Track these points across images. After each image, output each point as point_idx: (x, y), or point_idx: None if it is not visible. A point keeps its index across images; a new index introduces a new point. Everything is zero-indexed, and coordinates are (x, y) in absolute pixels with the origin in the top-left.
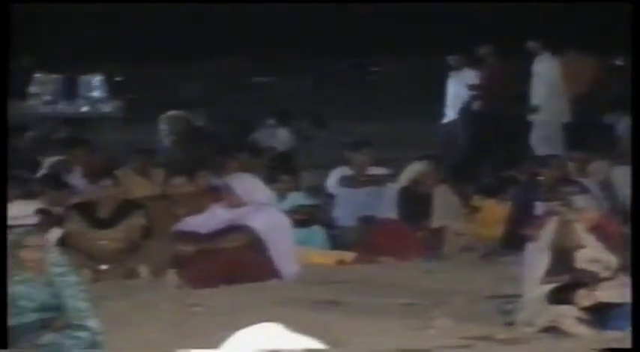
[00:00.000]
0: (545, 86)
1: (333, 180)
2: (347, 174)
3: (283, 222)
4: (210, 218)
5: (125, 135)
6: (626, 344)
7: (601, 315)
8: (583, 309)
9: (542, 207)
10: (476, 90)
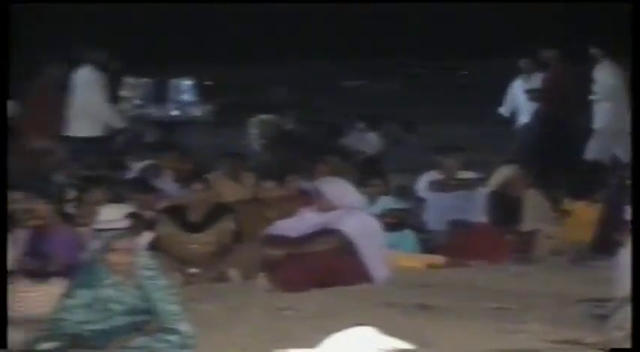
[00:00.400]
0: (605, 92)
1: (423, 185)
2: (437, 178)
3: (374, 226)
4: (301, 222)
5: (215, 139)
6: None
7: None
8: None
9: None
10: (540, 94)
